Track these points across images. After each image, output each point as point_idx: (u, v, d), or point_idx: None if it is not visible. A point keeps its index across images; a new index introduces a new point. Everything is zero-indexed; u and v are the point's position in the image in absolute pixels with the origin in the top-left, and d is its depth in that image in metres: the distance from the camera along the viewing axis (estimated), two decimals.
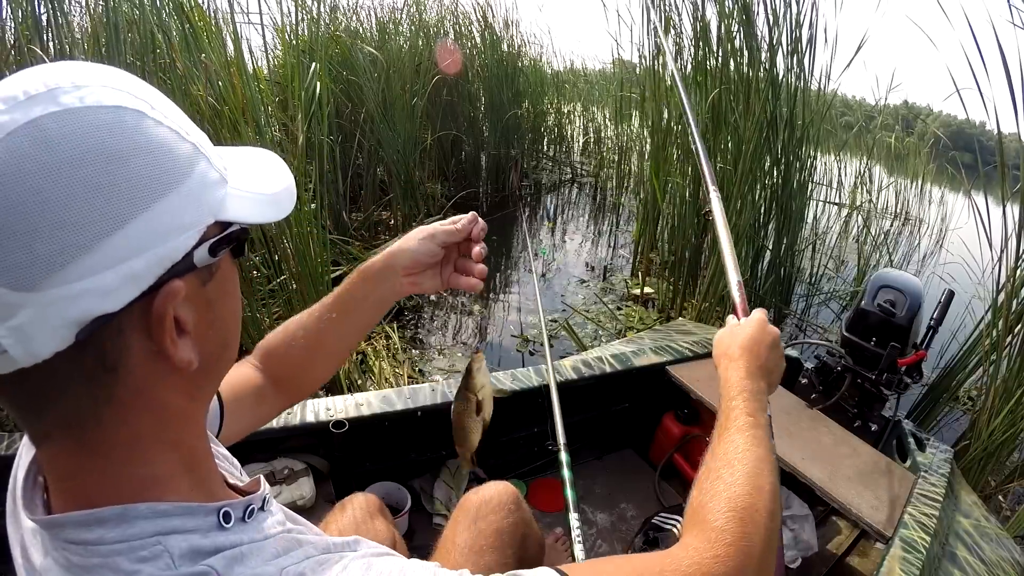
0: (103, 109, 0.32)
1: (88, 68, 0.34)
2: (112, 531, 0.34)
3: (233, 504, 0.39)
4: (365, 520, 0.97)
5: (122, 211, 0.31)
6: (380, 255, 0.70)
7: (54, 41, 1.79)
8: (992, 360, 2.14)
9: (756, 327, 0.74)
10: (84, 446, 0.35)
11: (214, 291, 0.39)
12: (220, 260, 0.39)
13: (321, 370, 0.76)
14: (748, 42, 2.85)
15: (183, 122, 0.37)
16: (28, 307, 0.29)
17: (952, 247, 4.36)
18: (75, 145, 0.30)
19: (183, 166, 0.35)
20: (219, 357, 0.42)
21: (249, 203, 0.41)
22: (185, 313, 0.36)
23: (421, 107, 4.13)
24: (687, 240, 3.31)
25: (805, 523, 1.47)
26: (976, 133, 3.89)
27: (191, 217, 0.35)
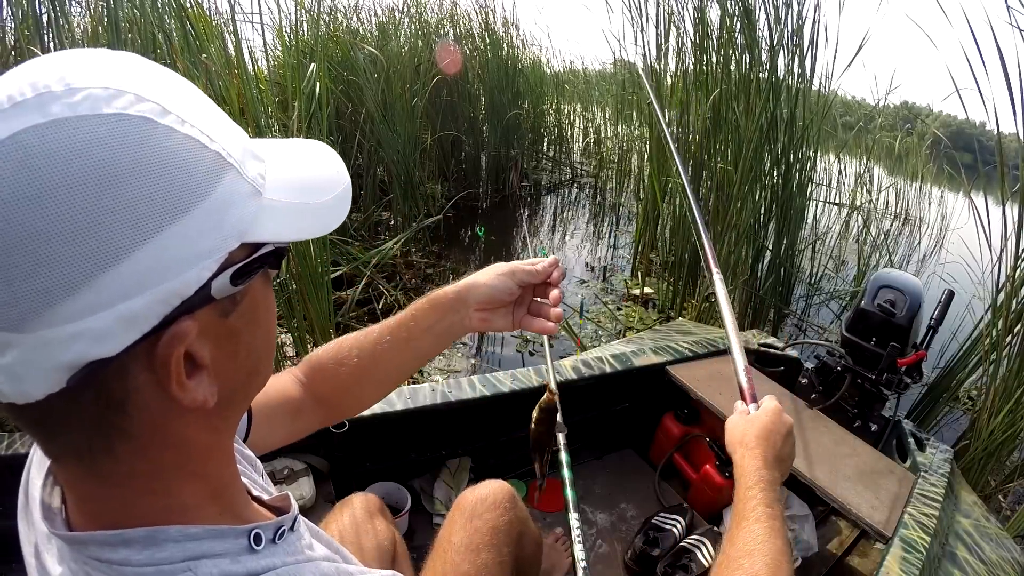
0: (99, 119, 0.27)
1: (89, 61, 0.29)
2: (139, 553, 0.32)
3: (264, 526, 0.38)
4: (365, 520, 0.97)
5: (117, 244, 0.26)
6: (454, 286, 0.67)
7: (54, 42, 1.79)
8: (992, 360, 2.14)
9: (772, 416, 0.74)
10: (98, 474, 0.33)
11: (239, 321, 0.34)
12: (249, 286, 0.34)
13: (369, 395, 0.72)
14: (749, 42, 2.85)
15: (208, 120, 0.32)
16: (15, 348, 0.26)
17: (952, 247, 4.36)
18: (61, 167, 0.25)
19: (202, 183, 0.30)
20: (245, 386, 0.38)
21: (289, 217, 0.35)
22: (200, 348, 0.32)
23: (421, 107, 4.13)
24: (687, 240, 3.31)
25: (805, 523, 1.47)
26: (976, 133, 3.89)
27: (209, 243, 0.30)
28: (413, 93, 4.02)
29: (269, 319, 0.39)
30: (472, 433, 1.58)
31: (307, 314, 2.19)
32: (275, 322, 0.41)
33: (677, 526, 1.47)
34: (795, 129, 2.88)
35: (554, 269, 0.69)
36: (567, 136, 6.71)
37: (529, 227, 4.99)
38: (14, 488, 0.44)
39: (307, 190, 0.38)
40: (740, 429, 0.75)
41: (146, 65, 0.31)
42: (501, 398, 1.41)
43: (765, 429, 0.73)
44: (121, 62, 0.30)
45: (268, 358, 0.40)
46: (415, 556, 1.08)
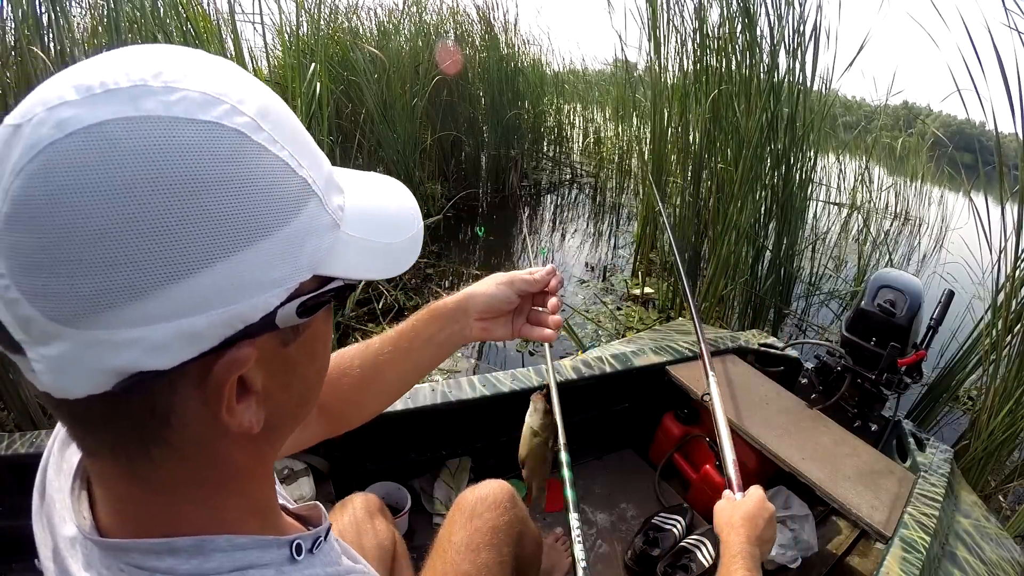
0: (193, 125, 0.25)
1: (189, 61, 0.28)
2: (186, 563, 0.32)
3: (303, 537, 0.38)
4: (365, 520, 0.98)
5: (191, 258, 0.25)
6: (454, 296, 0.68)
7: (54, 42, 1.79)
8: (992, 360, 2.14)
9: (756, 503, 0.84)
10: (136, 476, 0.32)
11: (298, 352, 0.34)
12: (313, 318, 0.33)
13: (372, 405, 0.71)
14: (750, 43, 2.85)
15: (298, 143, 0.30)
16: (65, 341, 0.25)
17: (952, 247, 4.36)
18: (146, 166, 0.24)
19: (285, 208, 0.28)
20: (293, 416, 0.38)
21: (362, 254, 0.34)
22: (254, 375, 0.31)
23: (421, 107, 4.13)
24: (687, 240, 3.31)
25: (805, 523, 1.47)
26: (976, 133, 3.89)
27: (282, 271, 0.29)
28: (413, 93, 4.02)
29: (325, 352, 0.38)
30: (472, 433, 1.58)
31: None
32: (329, 355, 0.40)
33: (677, 526, 1.47)
34: (795, 129, 2.88)
35: (552, 278, 0.69)
36: (567, 136, 6.71)
37: (529, 227, 4.99)
38: (14, 488, 0.44)
39: (383, 228, 0.37)
40: (727, 513, 0.84)
41: (244, 76, 0.30)
42: (501, 398, 1.41)
43: (749, 513, 0.82)
44: (221, 69, 0.29)
45: (318, 389, 0.39)
46: (415, 556, 1.08)
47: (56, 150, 0.23)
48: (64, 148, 0.23)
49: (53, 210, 0.23)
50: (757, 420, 1.44)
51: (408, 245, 0.40)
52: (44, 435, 1.06)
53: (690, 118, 3.33)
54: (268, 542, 0.35)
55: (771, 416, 1.47)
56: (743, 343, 1.78)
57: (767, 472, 1.49)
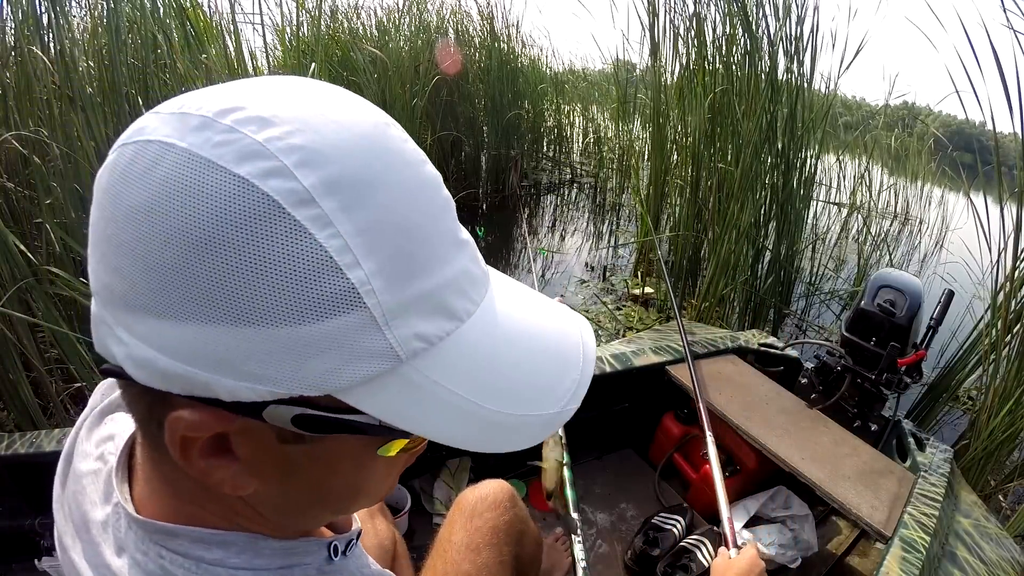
0: (224, 173, 0.23)
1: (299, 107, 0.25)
2: (236, 556, 0.32)
3: (340, 539, 0.39)
4: (365, 520, 0.97)
5: (166, 302, 0.24)
6: None
7: (54, 42, 1.79)
8: (991, 359, 2.14)
9: (748, 560, 0.90)
10: (154, 461, 0.33)
11: (300, 457, 0.29)
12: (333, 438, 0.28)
13: None
14: (749, 43, 2.86)
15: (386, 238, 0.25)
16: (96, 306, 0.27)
17: (952, 247, 4.36)
18: (159, 197, 0.23)
19: (298, 307, 0.23)
20: (303, 511, 0.34)
21: (431, 407, 0.27)
22: (240, 444, 0.28)
23: (421, 107, 4.13)
24: (687, 240, 3.31)
25: (805, 523, 1.47)
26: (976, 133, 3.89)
27: (269, 371, 0.24)
28: (413, 93, 4.02)
29: (356, 478, 0.33)
30: None
31: None
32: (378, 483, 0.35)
33: (677, 526, 1.47)
34: (795, 129, 2.88)
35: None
36: (567, 136, 6.71)
37: (529, 227, 4.99)
38: (14, 489, 0.44)
39: (494, 390, 0.29)
40: (721, 569, 0.90)
41: (361, 132, 0.26)
42: None
43: (742, 570, 0.88)
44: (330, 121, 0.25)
45: (347, 501, 0.35)
46: (415, 556, 1.08)
47: (123, 151, 0.25)
48: (126, 152, 0.25)
49: (100, 201, 0.26)
50: (757, 420, 1.44)
51: (529, 422, 0.30)
52: (44, 435, 1.06)
53: (689, 119, 3.33)
54: (311, 543, 0.37)
55: (771, 416, 1.47)
56: (743, 343, 1.78)
57: (767, 472, 1.49)
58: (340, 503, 0.35)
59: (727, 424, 1.45)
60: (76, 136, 1.71)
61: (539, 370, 0.31)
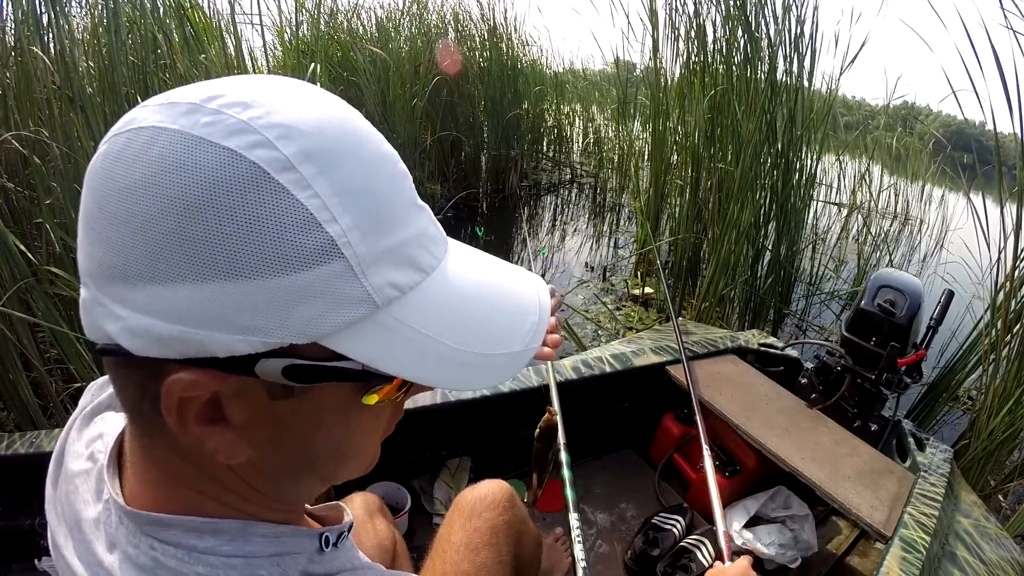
0: (211, 147, 0.26)
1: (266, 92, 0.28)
2: (227, 544, 0.33)
3: (331, 530, 0.39)
4: (365, 520, 0.97)
5: (163, 267, 0.26)
6: None
7: (54, 42, 1.79)
8: (991, 360, 2.14)
9: (740, 570, 0.89)
10: (145, 448, 0.34)
11: (291, 412, 0.31)
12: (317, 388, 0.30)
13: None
14: (749, 43, 2.86)
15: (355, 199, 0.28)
16: (88, 291, 0.29)
17: (952, 247, 4.36)
18: (155, 172, 0.26)
19: (285, 259, 0.26)
20: (295, 476, 0.36)
21: (408, 348, 0.30)
22: (232, 407, 0.30)
23: (421, 107, 4.14)
24: (687, 240, 3.31)
25: (805, 523, 1.47)
26: (976, 133, 3.89)
27: (260, 321, 0.27)
28: (413, 93, 4.02)
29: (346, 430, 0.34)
30: (472, 433, 1.58)
31: None
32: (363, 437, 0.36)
33: (677, 526, 1.47)
34: (795, 129, 2.88)
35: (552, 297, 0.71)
36: (567, 136, 6.71)
37: (529, 227, 4.99)
38: (14, 489, 0.44)
39: (462, 331, 0.32)
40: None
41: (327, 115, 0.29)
42: (501, 398, 1.41)
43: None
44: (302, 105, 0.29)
45: (334, 463, 0.36)
46: (415, 556, 1.08)
47: (115, 141, 0.28)
48: (118, 141, 0.27)
49: (95, 186, 0.27)
50: (757, 420, 1.44)
51: (496, 361, 0.34)
52: (44, 435, 1.06)
53: (689, 119, 3.33)
54: (302, 532, 0.37)
55: (771, 416, 1.47)
56: (743, 343, 1.78)
57: (767, 472, 1.49)
58: (327, 466, 0.36)
59: (727, 424, 1.45)
60: (76, 136, 1.71)
61: (500, 314, 0.35)
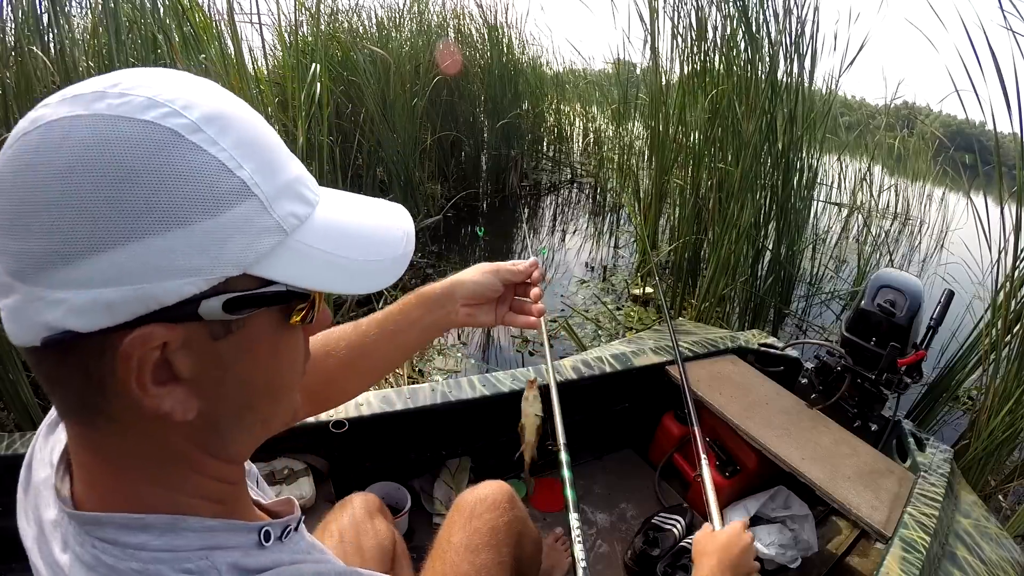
0: (130, 122, 0.29)
1: (159, 78, 0.32)
2: (158, 539, 0.34)
3: (273, 524, 0.39)
4: (365, 520, 0.98)
5: (108, 235, 0.28)
6: (441, 282, 0.71)
7: (54, 42, 1.79)
8: (991, 360, 2.14)
9: (732, 533, 0.87)
10: (88, 442, 0.35)
11: (231, 350, 0.34)
12: (250, 318, 0.34)
13: (355, 385, 0.73)
14: (749, 43, 2.86)
15: (251, 149, 0.33)
16: (16, 294, 0.29)
17: (953, 247, 4.36)
18: (83, 153, 0.28)
19: (210, 203, 0.30)
20: (237, 419, 0.38)
21: (318, 265, 0.35)
22: (180, 360, 0.32)
23: (421, 107, 4.13)
24: (687, 240, 3.31)
25: (805, 523, 1.47)
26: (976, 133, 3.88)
27: (198, 262, 0.30)
28: (413, 93, 4.02)
29: (275, 361, 0.38)
30: (472, 433, 1.58)
31: None
32: (288, 368, 0.40)
33: (677, 526, 1.47)
34: (796, 129, 2.88)
35: (534, 269, 0.73)
36: (567, 136, 6.70)
37: (529, 227, 4.99)
38: (14, 488, 0.44)
39: (353, 245, 0.38)
40: (703, 542, 0.88)
41: (207, 89, 0.33)
42: (501, 398, 1.41)
43: (722, 543, 0.85)
44: (182, 83, 0.32)
45: (271, 400, 0.39)
46: (415, 556, 1.08)
47: (25, 139, 0.29)
48: (30, 138, 0.29)
49: (14, 183, 0.29)
50: (757, 420, 1.44)
51: (384, 265, 0.40)
52: None
53: (690, 120, 3.33)
54: (238, 526, 0.37)
55: (771, 416, 1.47)
56: (743, 343, 1.78)
57: (767, 472, 1.49)
58: (264, 404, 0.39)
59: (727, 424, 1.45)
60: None
61: (377, 228, 0.41)
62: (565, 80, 6.61)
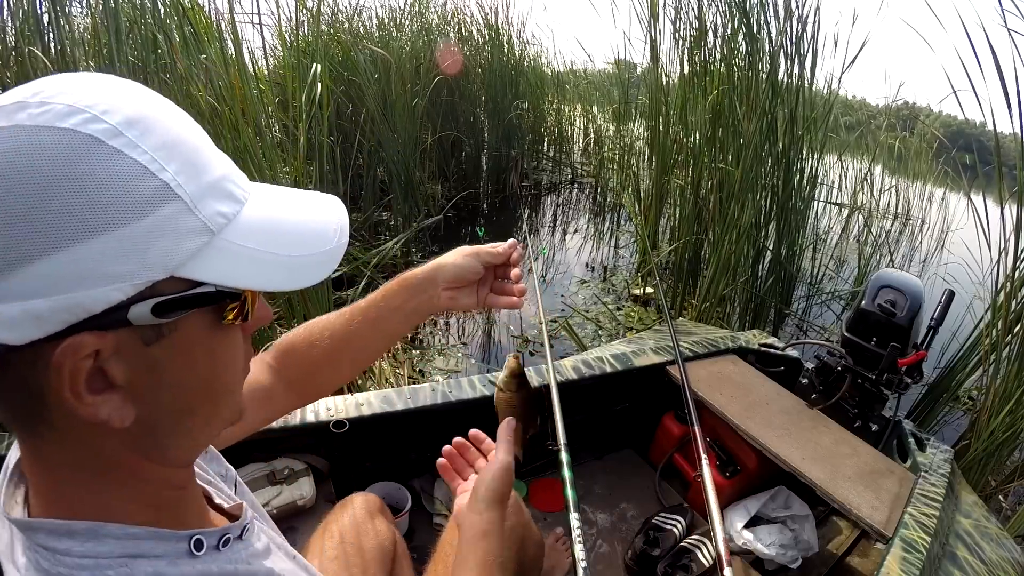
0: (50, 131, 0.29)
1: (78, 84, 0.31)
2: (81, 545, 0.34)
3: (207, 533, 0.39)
4: (365, 520, 0.97)
5: (32, 246, 0.28)
6: (423, 267, 0.71)
7: (55, 43, 1.79)
8: (992, 360, 2.14)
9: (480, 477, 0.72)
10: (33, 450, 0.35)
11: (165, 354, 0.34)
12: (182, 321, 0.34)
13: (341, 374, 0.73)
14: (750, 44, 2.86)
15: (173, 150, 0.32)
16: None
17: (953, 247, 4.35)
18: (5, 165, 0.28)
19: (132, 207, 0.30)
20: (174, 424, 0.37)
21: (247, 263, 0.35)
22: (114, 367, 0.32)
23: (422, 107, 4.13)
24: (688, 241, 3.31)
25: (805, 523, 1.47)
26: (976, 133, 3.88)
27: (124, 268, 0.30)
28: (414, 93, 4.02)
29: (212, 363, 0.37)
30: None
31: (307, 313, 2.19)
32: (226, 369, 0.39)
33: (677, 526, 1.47)
34: (796, 129, 2.88)
35: (514, 251, 0.73)
36: (567, 136, 6.70)
37: (529, 227, 4.99)
38: None
39: (283, 241, 0.37)
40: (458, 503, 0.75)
41: (133, 94, 0.33)
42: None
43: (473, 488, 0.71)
44: (104, 87, 0.32)
45: (210, 402, 0.39)
46: (415, 556, 1.08)
47: None
48: None
49: None
50: (758, 420, 1.44)
51: (317, 259, 0.39)
52: None
53: (690, 120, 3.33)
54: (165, 535, 0.37)
55: (771, 416, 1.47)
56: (743, 343, 1.78)
57: (768, 472, 1.49)
58: (205, 406, 0.38)
59: (728, 424, 1.45)
60: None
61: (309, 222, 0.40)
62: (566, 80, 6.60)
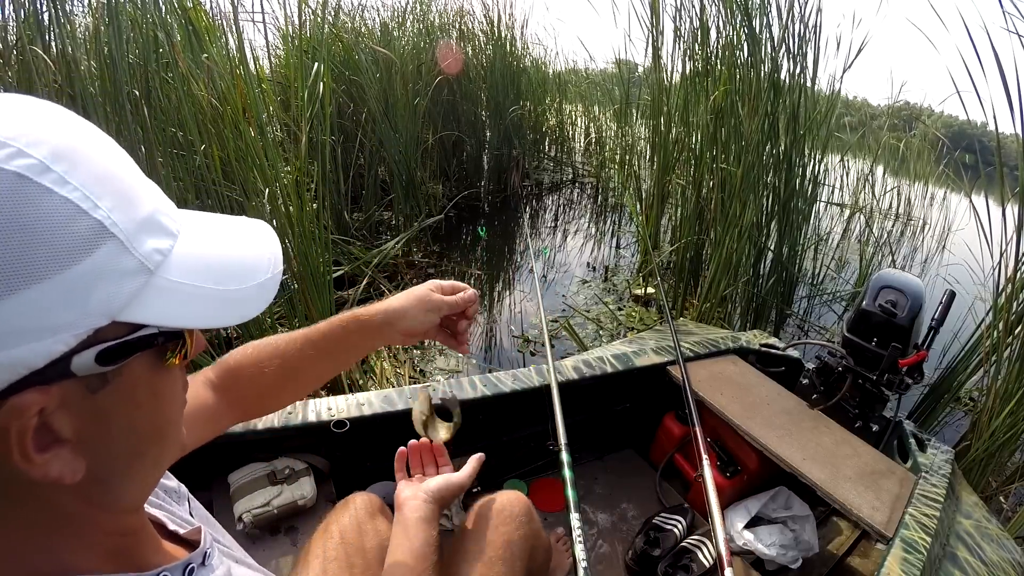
0: None
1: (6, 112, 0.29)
2: None
3: (172, 568, 0.38)
4: (366, 520, 0.97)
5: None
6: (381, 311, 0.72)
7: (56, 42, 1.79)
8: (993, 361, 2.14)
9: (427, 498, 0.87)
10: None
11: (110, 400, 0.32)
12: (126, 365, 0.32)
13: (287, 398, 0.76)
14: (752, 44, 2.85)
15: (104, 183, 0.30)
16: None
17: (955, 248, 4.35)
18: None
19: (67, 251, 0.28)
20: (126, 467, 0.36)
21: (186, 301, 0.34)
22: (60, 421, 0.30)
23: (423, 107, 4.13)
24: (689, 240, 3.31)
25: (806, 523, 1.47)
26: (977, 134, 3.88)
27: (64, 318, 0.28)
28: (415, 92, 4.02)
29: (156, 403, 0.36)
30: (472, 433, 1.57)
31: (308, 314, 2.19)
32: (171, 405, 0.38)
33: (678, 526, 1.47)
34: (798, 129, 2.88)
35: (471, 304, 0.76)
36: (568, 136, 6.70)
37: (530, 227, 4.99)
38: None
39: (220, 275, 0.36)
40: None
41: (57, 118, 0.31)
42: (502, 398, 1.41)
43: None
44: (29, 113, 0.30)
45: (158, 442, 0.38)
46: None
47: None
48: None
49: None
50: (758, 420, 1.44)
51: (253, 293, 0.38)
52: None
53: (692, 120, 3.33)
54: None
55: (772, 416, 1.47)
56: (744, 343, 1.78)
57: (768, 472, 1.49)
58: (152, 448, 0.37)
59: (728, 424, 1.45)
60: None
61: (244, 254, 0.39)
62: (567, 80, 6.60)
